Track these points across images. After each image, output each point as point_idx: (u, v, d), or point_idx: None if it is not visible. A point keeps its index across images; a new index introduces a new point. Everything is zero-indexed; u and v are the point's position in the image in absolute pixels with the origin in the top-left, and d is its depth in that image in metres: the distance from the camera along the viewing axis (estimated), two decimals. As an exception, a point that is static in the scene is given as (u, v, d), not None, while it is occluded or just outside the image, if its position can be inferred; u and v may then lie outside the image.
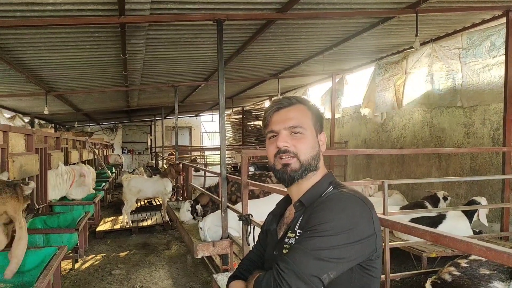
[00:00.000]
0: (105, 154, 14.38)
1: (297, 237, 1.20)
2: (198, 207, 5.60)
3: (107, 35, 5.23)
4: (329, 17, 5.06)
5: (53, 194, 5.40)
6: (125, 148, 21.13)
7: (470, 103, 6.02)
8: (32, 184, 2.78)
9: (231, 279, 1.40)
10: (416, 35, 4.86)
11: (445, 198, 5.47)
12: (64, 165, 5.94)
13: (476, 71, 5.71)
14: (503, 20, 5.07)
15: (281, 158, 1.26)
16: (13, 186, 2.57)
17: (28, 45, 5.44)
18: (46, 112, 8.83)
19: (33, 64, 6.48)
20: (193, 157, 14.35)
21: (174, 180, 8.40)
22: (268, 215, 1.46)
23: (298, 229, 1.22)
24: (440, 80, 6.27)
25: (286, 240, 1.24)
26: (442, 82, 6.26)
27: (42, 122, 15.46)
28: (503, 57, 5.13)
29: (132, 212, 8.27)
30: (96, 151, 11.14)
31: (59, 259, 2.62)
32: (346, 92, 9.54)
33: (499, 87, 5.38)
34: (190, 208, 5.62)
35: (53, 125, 16.85)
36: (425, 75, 6.51)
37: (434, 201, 5.38)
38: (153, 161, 17.99)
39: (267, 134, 1.33)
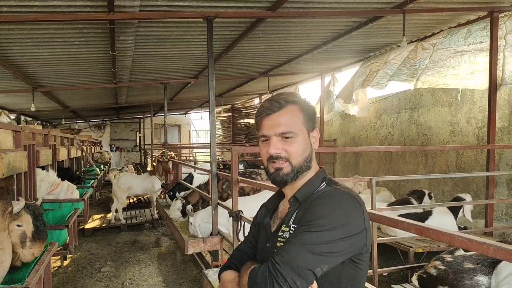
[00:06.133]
0: (93, 151, 14.26)
1: (291, 232, 1.23)
2: (189, 207, 5.61)
3: (95, 31, 5.20)
4: (319, 16, 5.10)
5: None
6: (113, 146, 20.95)
7: (425, 84, 6.19)
8: (22, 203, 2.60)
9: (223, 269, 1.42)
10: (404, 35, 4.94)
11: (429, 196, 5.60)
12: (52, 162, 5.88)
13: (445, 55, 5.83)
14: (487, 18, 5.18)
15: (274, 163, 1.29)
16: None
17: (15, 41, 5.37)
18: (33, 108, 8.72)
19: (20, 60, 6.40)
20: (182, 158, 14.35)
21: (163, 177, 8.37)
22: (260, 207, 1.49)
23: (292, 223, 1.26)
24: (402, 70, 6.38)
25: (280, 233, 1.28)
26: (404, 72, 6.37)
27: (29, 119, 15.25)
28: (479, 45, 5.30)
29: (122, 210, 8.22)
30: (84, 148, 11.04)
31: (50, 254, 2.61)
32: (337, 91, 9.58)
33: (467, 74, 5.54)
34: (181, 207, 5.63)
35: (39, 122, 16.62)
36: (397, 65, 6.58)
37: (419, 196, 5.51)
38: (141, 161, 17.90)
39: (259, 137, 1.35)
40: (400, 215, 4.50)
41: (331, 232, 1.13)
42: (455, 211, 4.78)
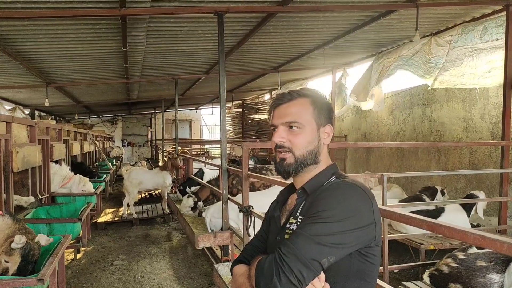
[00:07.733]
0: (105, 146, 14.44)
1: (298, 223, 1.23)
2: (200, 203, 5.65)
3: (108, 27, 5.23)
4: (330, 10, 5.05)
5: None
6: (125, 141, 21.17)
7: (443, 85, 6.08)
8: (23, 242, 2.37)
9: (235, 263, 1.44)
10: (416, 29, 4.86)
11: (442, 192, 5.53)
12: (65, 156, 5.96)
13: (461, 54, 5.72)
14: (503, 13, 5.07)
15: (280, 152, 1.31)
16: None
17: (29, 37, 5.44)
18: (46, 104, 8.84)
19: (34, 55, 6.48)
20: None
21: (174, 173, 8.42)
22: (272, 202, 1.50)
23: (299, 215, 1.26)
24: (418, 62, 6.29)
25: (288, 226, 1.28)
26: (419, 66, 6.28)
27: (43, 114, 15.47)
28: (495, 42, 5.17)
29: (134, 204, 8.31)
30: (97, 143, 11.18)
31: (64, 247, 2.66)
32: (349, 85, 9.45)
33: (484, 72, 5.42)
34: (192, 205, 5.68)
35: (53, 117, 16.86)
36: (410, 56, 6.50)
37: (432, 193, 5.44)
38: (153, 156, 18.07)
39: (270, 127, 1.39)
40: (412, 212, 4.48)
41: (337, 224, 1.13)
42: (468, 208, 4.71)
